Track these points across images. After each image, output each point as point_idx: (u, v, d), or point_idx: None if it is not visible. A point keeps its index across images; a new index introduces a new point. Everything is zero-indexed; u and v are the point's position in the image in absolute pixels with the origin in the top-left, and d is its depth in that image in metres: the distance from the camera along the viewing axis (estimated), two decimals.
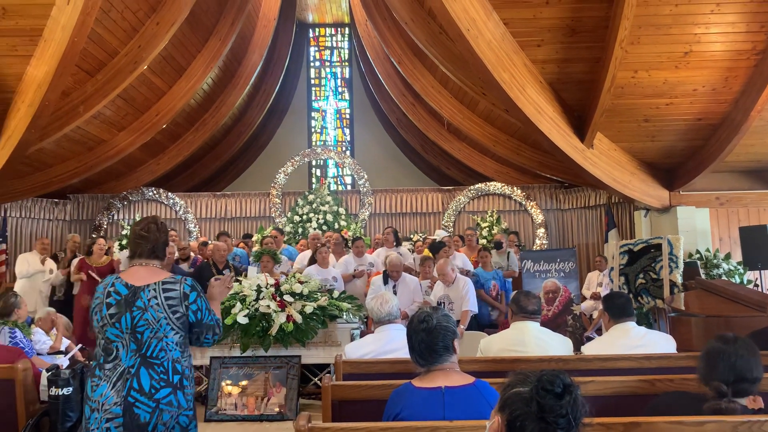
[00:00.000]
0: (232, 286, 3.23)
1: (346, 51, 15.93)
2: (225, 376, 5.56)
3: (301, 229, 11.06)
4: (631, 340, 3.61)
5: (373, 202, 11.65)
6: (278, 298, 5.77)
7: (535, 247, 10.82)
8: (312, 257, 7.62)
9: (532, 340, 3.60)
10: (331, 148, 14.05)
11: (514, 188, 11.27)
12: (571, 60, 7.37)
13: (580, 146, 7.91)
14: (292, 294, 5.84)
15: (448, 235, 9.25)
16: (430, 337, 2.38)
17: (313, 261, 7.51)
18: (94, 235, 10.69)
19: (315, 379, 6.11)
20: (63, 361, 5.17)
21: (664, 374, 3.02)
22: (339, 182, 15.30)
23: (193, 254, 8.57)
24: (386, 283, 6.68)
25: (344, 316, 5.96)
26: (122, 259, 8.19)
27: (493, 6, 6.93)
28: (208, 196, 11.80)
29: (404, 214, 11.68)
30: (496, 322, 7.19)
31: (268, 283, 5.93)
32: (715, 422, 2.10)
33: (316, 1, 14.51)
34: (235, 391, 5.50)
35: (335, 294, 6.25)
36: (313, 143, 15.47)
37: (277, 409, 5.42)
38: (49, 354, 5.60)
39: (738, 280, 7.75)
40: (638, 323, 3.80)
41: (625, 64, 7.05)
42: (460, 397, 2.27)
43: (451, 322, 2.47)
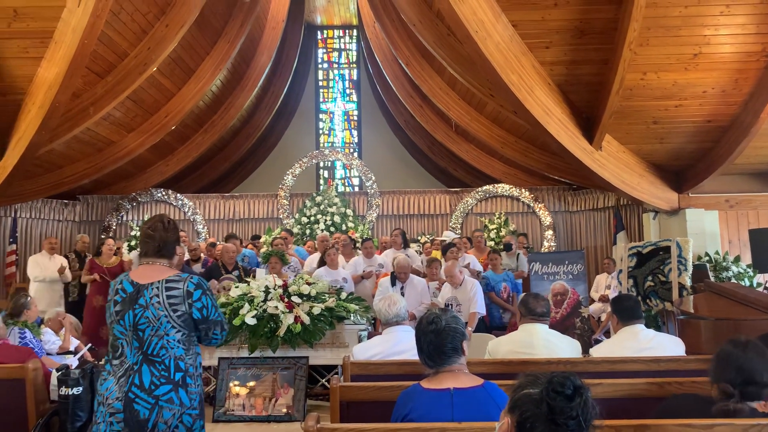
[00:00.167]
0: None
1: (354, 53, 15.95)
2: (233, 376, 5.58)
3: (308, 231, 11.07)
4: (640, 343, 3.60)
5: (381, 204, 11.65)
6: (286, 300, 5.78)
7: (543, 250, 10.80)
8: (321, 259, 7.63)
9: (540, 343, 3.59)
10: (339, 150, 14.07)
11: (522, 190, 11.24)
12: (580, 62, 7.35)
13: (589, 148, 7.89)
14: (300, 295, 5.86)
15: (458, 237, 9.23)
16: (438, 339, 2.39)
17: (322, 263, 7.52)
18: (103, 236, 10.75)
19: (323, 381, 6.11)
20: (72, 361, 5.20)
21: (673, 377, 3.01)
22: (346, 184, 15.32)
23: (203, 255, 8.59)
24: (394, 284, 6.67)
25: (352, 318, 5.97)
26: (134, 260, 8.23)
27: (502, 8, 6.92)
28: (217, 198, 11.84)
29: (411, 216, 11.67)
30: (506, 324, 7.17)
31: (276, 284, 5.95)
32: (725, 425, 2.09)
33: (325, 3, 14.53)
34: (243, 391, 5.52)
35: (343, 295, 6.25)
36: (321, 145, 15.50)
37: (285, 410, 5.43)
38: (58, 354, 5.64)
39: (747, 283, 7.70)
40: (647, 326, 3.80)
41: (634, 65, 7.02)
42: (469, 399, 2.27)
43: (460, 324, 2.47)
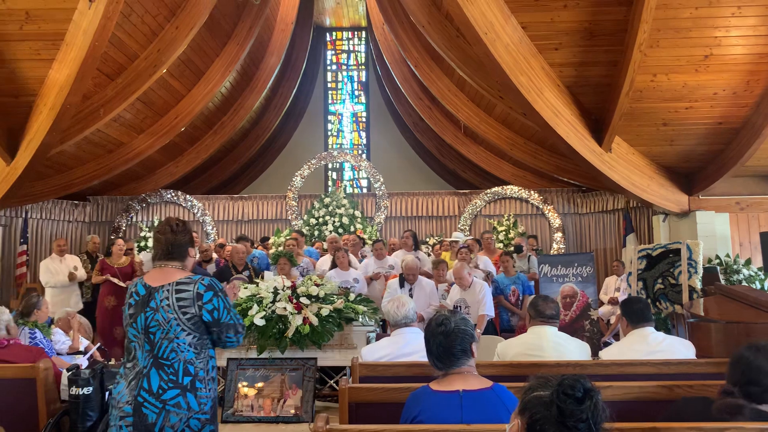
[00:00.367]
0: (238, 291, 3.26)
1: (363, 54, 15.98)
2: (241, 377, 5.59)
3: (317, 232, 11.09)
4: (650, 346, 3.58)
5: (389, 206, 11.65)
6: (295, 301, 5.79)
7: (552, 252, 10.76)
8: (334, 260, 7.64)
9: (549, 345, 3.58)
10: (347, 152, 14.09)
11: (531, 192, 11.21)
12: (589, 63, 7.33)
13: (598, 150, 7.86)
14: (309, 296, 5.86)
15: (471, 238, 9.19)
16: (448, 341, 2.38)
17: (334, 265, 7.54)
18: (112, 237, 10.81)
19: (331, 382, 6.12)
20: (82, 361, 5.22)
21: (683, 380, 2.99)
22: (355, 185, 15.33)
23: (216, 255, 8.61)
24: (402, 286, 6.67)
25: (360, 319, 5.97)
26: (144, 260, 8.26)
27: (511, 10, 6.91)
28: (226, 199, 11.88)
29: (420, 218, 11.66)
30: (515, 328, 7.15)
31: (284, 286, 5.96)
32: (736, 429, 2.08)
33: (334, 5, 14.57)
34: (252, 392, 5.53)
35: (351, 297, 6.26)
36: (330, 146, 15.53)
37: (293, 411, 5.43)
38: (68, 354, 5.67)
39: (758, 286, 7.65)
40: (656, 329, 3.77)
41: (644, 67, 6.99)
42: (478, 401, 2.27)
43: (470, 326, 2.46)
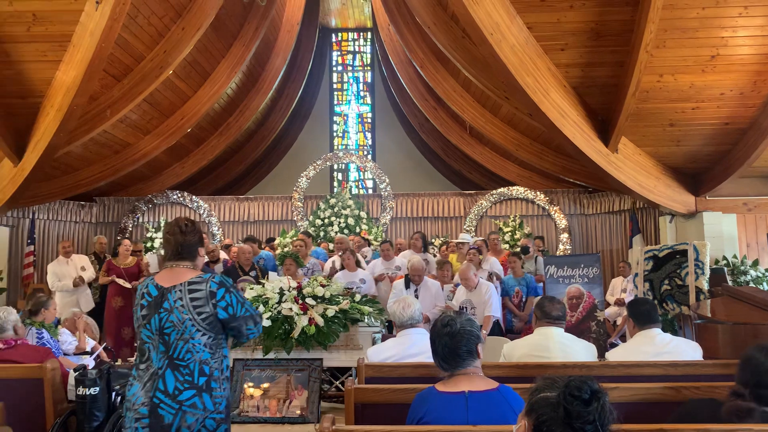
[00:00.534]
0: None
1: (369, 55, 15.99)
2: (247, 378, 5.60)
3: (322, 233, 11.09)
4: (656, 347, 3.57)
5: (395, 206, 11.64)
6: (300, 301, 5.79)
7: (558, 253, 10.73)
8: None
9: (556, 346, 3.57)
10: (353, 152, 14.11)
11: (537, 193, 11.18)
12: (596, 64, 7.31)
13: (605, 151, 7.84)
14: (314, 297, 5.87)
15: (480, 239, 9.17)
16: (453, 342, 2.38)
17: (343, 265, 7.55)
18: (119, 237, 10.84)
19: (337, 383, 6.12)
20: (89, 362, 5.24)
21: (690, 381, 2.98)
22: (360, 186, 15.34)
23: (224, 255, 8.62)
24: (408, 287, 6.67)
25: (366, 320, 5.97)
26: (149, 261, 8.27)
27: (517, 10, 6.90)
28: (232, 200, 11.90)
29: (426, 219, 11.64)
30: (514, 329, 7.13)
31: (290, 286, 5.96)
32: (744, 430, 2.07)
33: (339, 6, 14.59)
34: (257, 393, 5.53)
35: (357, 297, 6.26)
36: (335, 147, 15.55)
37: (299, 412, 5.43)
38: (75, 354, 5.69)
39: (766, 287, 7.62)
40: (663, 330, 3.76)
41: (651, 68, 6.97)
42: (484, 402, 2.27)
43: (475, 327, 2.46)
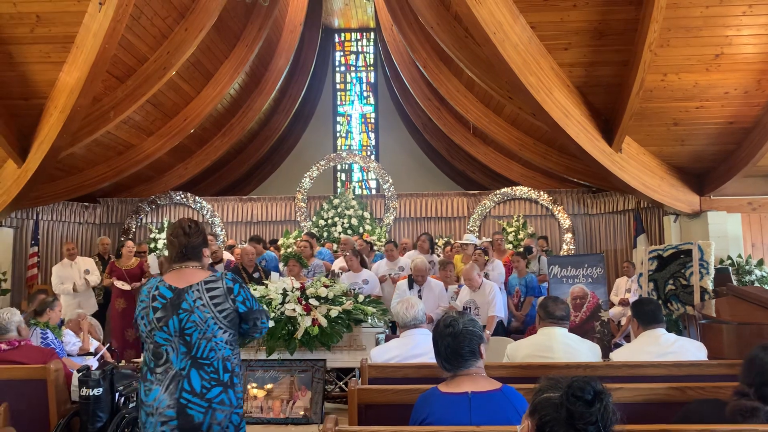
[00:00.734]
0: None
1: (372, 55, 15.99)
2: (251, 379, 5.59)
3: (326, 234, 11.09)
4: (661, 347, 3.55)
5: (398, 207, 11.63)
6: (304, 302, 5.79)
7: (562, 253, 10.70)
8: None
9: (559, 346, 3.56)
10: (356, 153, 14.11)
11: (541, 193, 11.16)
12: (599, 63, 7.29)
13: (608, 150, 7.81)
14: (318, 298, 5.86)
15: (486, 240, 9.16)
16: (456, 342, 2.37)
17: None
18: (122, 239, 10.86)
19: (340, 383, 6.11)
20: (92, 362, 5.25)
21: (694, 382, 2.96)
22: (364, 186, 15.34)
23: (228, 255, 8.62)
24: (411, 287, 6.66)
25: (369, 320, 5.96)
26: (150, 263, 8.28)
27: (520, 9, 6.89)
28: (235, 200, 11.91)
29: (429, 219, 11.62)
30: (510, 329, 7.10)
31: (293, 287, 5.96)
32: (749, 431, 2.05)
33: (342, 6, 14.59)
34: (261, 394, 5.53)
35: (360, 298, 6.25)
36: (338, 147, 15.55)
37: (303, 413, 5.43)
38: (78, 355, 5.71)
39: None
40: (668, 330, 3.75)
41: (654, 67, 6.95)
42: (487, 403, 2.26)
43: (478, 327, 2.44)
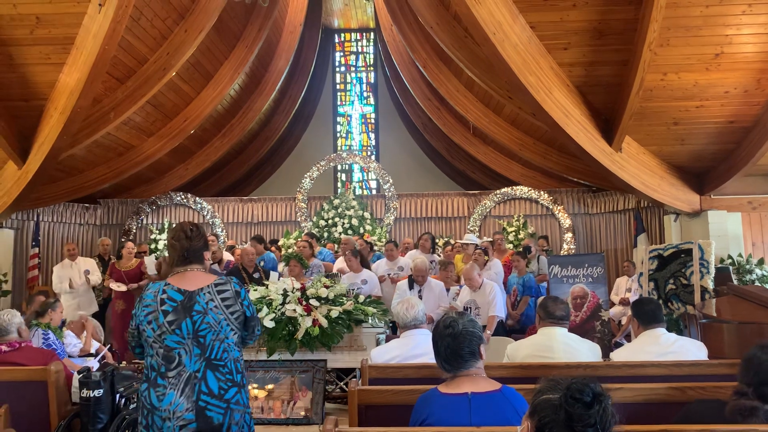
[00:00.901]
0: None
1: (372, 56, 15.98)
2: (251, 379, 5.59)
3: (326, 234, 11.09)
4: (661, 347, 3.55)
5: (399, 207, 11.62)
6: (304, 303, 5.79)
7: (562, 252, 10.70)
8: None
9: (559, 346, 3.56)
10: (357, 153, 14.11)
11: (541, 192, 11.15)
12: (599, 63, 7.29)
13: (609, 150, 7.81)
14: (318, 298, 5.86)
15: (487, 240, 9.16)
16: (456, 343, 2.37)
17: None
18: (123, 239, 10.86)
19: (341, 384, 6.12)
20: (93, 364, 5.25)
21: (695, 382, 2.96)
22: (364, 187, 15.33)
23: (228, 256, 8.61)
24: (411, 287, 6.66)
25: (370, 321, 5.96)
26: (147, 264, 8.28)
27: (519, 9, 6.89)
28: (235, 201, 11.92)
29: (429, 219, 11.61)
30: (505, 327, 7.08)
31: (294, 287, 5.96)
32: (750, 431, 2.05)
33: (342, 7, 14.58)
34: (262, 394, 5.53)
35: (361, 298, 6.25)
36: (339, 148, 15.55)
37: (303, 413, 5.44)
38: (79, 356, 5.71)
39: None
40: (668, 329, 3.75)
41: (654, 66, 6.94)
42: (487, 403, 2.26)
43: (477, 327, 2.45)
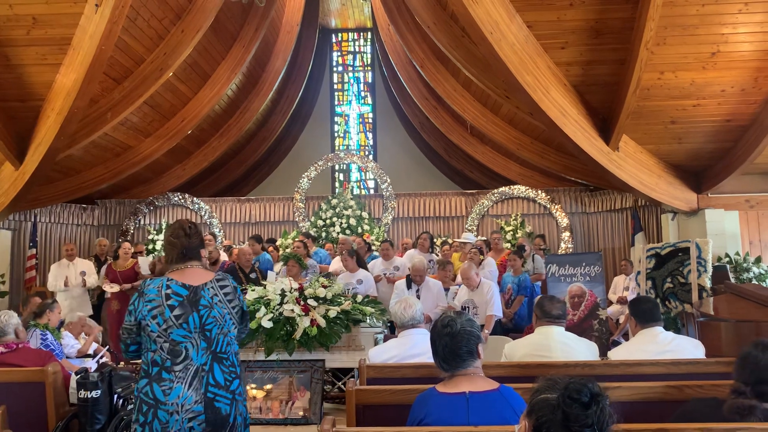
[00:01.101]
0: None
1: (369, 55, 15.97)
2: (250, 379, 5.59)
3: (324, 234, 11.09)
4: (659, 346, 3.56)
5: (396, 207, 11.62)
6: (302, 303, 5.79)
7: (560, 251, 10.71)
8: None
9: (557, 345, 3.56)
10: (354, 153, 14.10)
11: (539, 192, 11.16)
12: (596, 62, 7.29)
13: (606, 149, 7.81)
14: (316, 298, 5.86)
15: (482, 239, 9.16)
16: (453, 342, 2.37)
17: None
18: (120, 240, 10.85)
19: (339, 383, 6.12)
20: (91, 364, 5.24)
21: (692, 380, 2.97)
22: (362, 186, 15.32)
23: (224, 256, 8.61)
24: (409, 287, 6.66)
25: (368, 321, 5.96)
26: (141, 264, 8.27)
27: (516, 9, 6.89)
28: (233, 201, 11.90)
29: (427, 218, 11.62)
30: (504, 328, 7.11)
31: (292, 287, 5.96)
32: (747, 429, 2.06)
33: (339, 7, 14.57)
34: (260, 394, 5.53)
35: (359, 298, 6.26)
36: (336, 148, 15.53)
37: (302, 413, 5.44)
38: (77, 357, 5.70)
39: None
40: (666, 328, 3.75)
41: (651, 65, 6.95)
42: (485, 403, 2.26)
43: (475, 327, 2.45)
